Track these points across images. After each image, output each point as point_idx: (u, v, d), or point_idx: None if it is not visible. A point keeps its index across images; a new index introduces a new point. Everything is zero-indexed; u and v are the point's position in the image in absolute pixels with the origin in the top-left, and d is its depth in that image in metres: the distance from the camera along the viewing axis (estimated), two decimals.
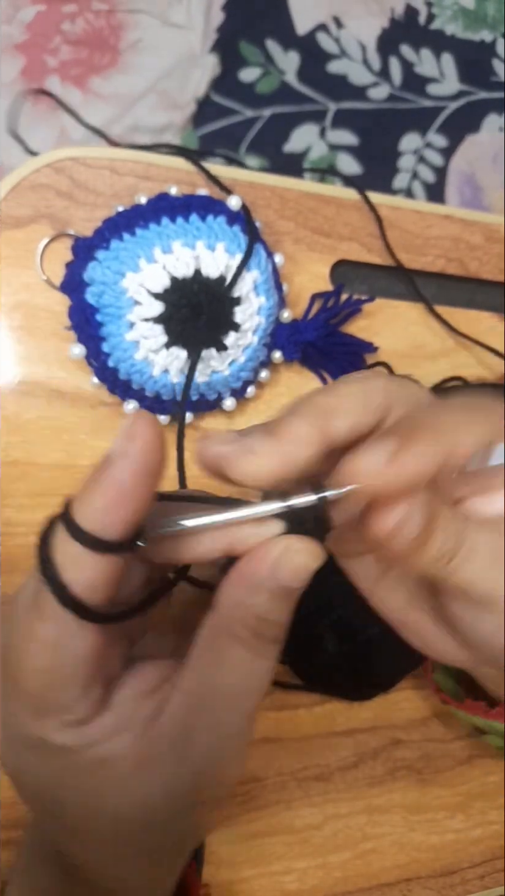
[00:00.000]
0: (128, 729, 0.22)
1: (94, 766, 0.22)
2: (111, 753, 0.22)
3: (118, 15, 0.60)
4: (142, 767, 0.22)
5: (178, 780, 0.22)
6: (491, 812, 0.44)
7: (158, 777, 0.22)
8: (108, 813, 0.22)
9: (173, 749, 0.22)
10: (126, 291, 0.34)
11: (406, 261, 0.44)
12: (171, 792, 0.22)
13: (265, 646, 0.22)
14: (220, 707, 0.22)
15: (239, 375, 0.38)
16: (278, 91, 0.63)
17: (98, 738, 0.22)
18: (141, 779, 0.22)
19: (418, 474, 0.20)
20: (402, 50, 0.66)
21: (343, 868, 0.41)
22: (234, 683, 0.22)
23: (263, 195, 0.41)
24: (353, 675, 0.41)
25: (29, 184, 0.37)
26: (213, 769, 0.23)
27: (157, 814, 0.22)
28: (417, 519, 0.21)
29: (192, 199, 0.36)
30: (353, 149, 0.64)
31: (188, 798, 0.23)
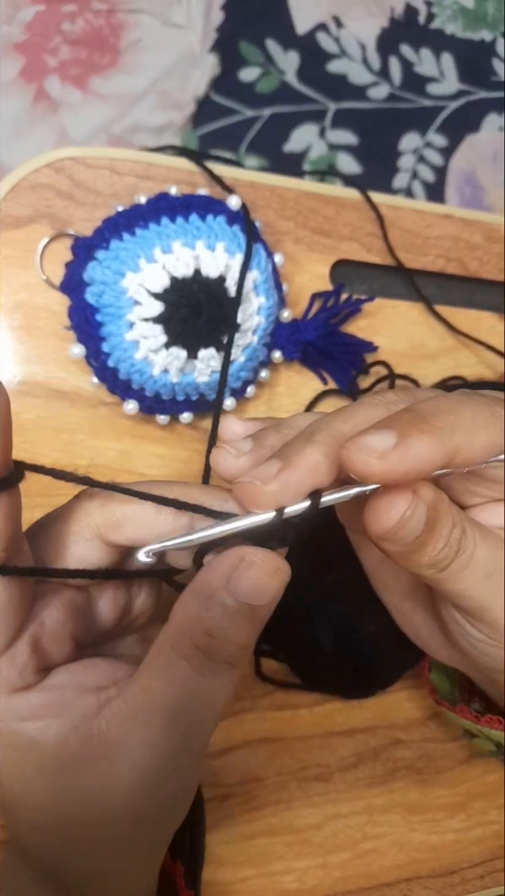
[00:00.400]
0: (60, 717, 0.21)
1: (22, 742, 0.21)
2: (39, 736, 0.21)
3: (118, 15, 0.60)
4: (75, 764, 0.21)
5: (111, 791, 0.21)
6: (491, 812, 0.44)
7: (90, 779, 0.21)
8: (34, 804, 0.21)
9: (106, 757, 0.21)
10: (126, 291, 0.34)
11: (406, 260, 0.44)
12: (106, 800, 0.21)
13: (216, 667, 0.21)
14: (160, 726, 0.21)
15: (239, 375, 0.38)
16: (278, 91, 0.63)
17: (25, 712, 0.21)
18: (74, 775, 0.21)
19: (417, 470, 0.20)
20: (401, 50, 0.66)
21: (343, 868, 0.41)
22: (179, 703, 0.21)
23: (263, 195, 0.41)
24: (350, 672, 0.41)
25: (29, 184, 0.37)
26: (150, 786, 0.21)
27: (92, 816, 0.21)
28: (418, 521, 0.21)
29: (192, 198, 0.36)
30: (353, 148, 0.64)
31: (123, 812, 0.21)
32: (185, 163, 0.39)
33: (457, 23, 0.67)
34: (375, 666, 0.41)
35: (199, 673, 0.21)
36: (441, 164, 0.66)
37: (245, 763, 0.40)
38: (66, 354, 0.37)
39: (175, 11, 0.60)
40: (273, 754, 0.41)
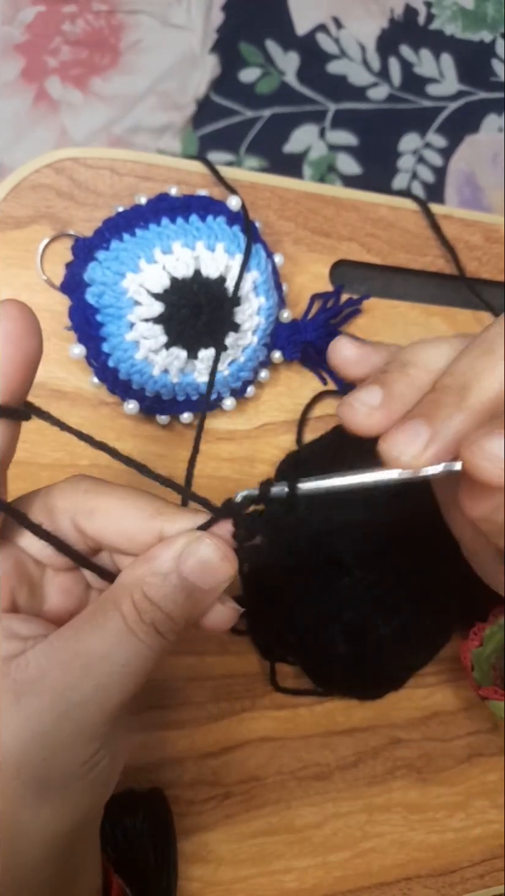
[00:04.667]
0: None
1: None
2: None
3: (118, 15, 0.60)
4: None
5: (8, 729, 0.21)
6: (491, 811, 0.44)
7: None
8: None
9: (14, 694, 0.21)
10: (126, 292, 0.34)
11: (406, 261, 0.44)
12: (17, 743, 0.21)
13: (143, 627, 0.22)
14: (76, 669, 0.21)
15: (239, 375, 0.38)
16: (278, 91, 0.63)
17: None
18: None
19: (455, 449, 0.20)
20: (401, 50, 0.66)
21: (343, 867, 0.41)
22: (100, 651, 0.21)
23: (263, 195, 0.41)
24: (362, 675, 0.41)
25: (29, 184, 0.37)
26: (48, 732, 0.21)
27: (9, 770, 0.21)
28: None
29: (192, 199, 0.36)
30: (352, 149, 0.64)
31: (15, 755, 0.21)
32: (185, 163, 0.39)
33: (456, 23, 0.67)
34: (388, 668, 0.41)
35: (128, 629, 0.21)
36: (441, 164, 0.66)
37: (245, 762, 0.40)
38: (66, 355, 0.37)
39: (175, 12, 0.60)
40: (273, 754, 0.41)
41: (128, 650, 0.21)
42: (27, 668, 0.21)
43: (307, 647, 0.40)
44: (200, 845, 0.39)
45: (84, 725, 0.21)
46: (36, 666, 0.21)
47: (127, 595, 0.22)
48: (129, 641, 0.21)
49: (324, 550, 0.38)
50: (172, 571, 0.22)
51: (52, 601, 0.25)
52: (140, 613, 0.21)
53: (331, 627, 0.38)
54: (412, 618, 0.39)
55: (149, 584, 0.22)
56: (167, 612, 0.22)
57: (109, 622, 0.21)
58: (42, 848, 0.22)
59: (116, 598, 0.22)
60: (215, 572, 0.22)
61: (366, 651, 0.39)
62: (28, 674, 0.21)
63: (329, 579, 0.38)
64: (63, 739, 0.21)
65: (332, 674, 0.40)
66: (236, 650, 0.40)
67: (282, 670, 0.41)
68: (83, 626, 0.22)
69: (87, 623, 0.22)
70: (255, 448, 0.41)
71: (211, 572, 0.22)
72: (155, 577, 0.22)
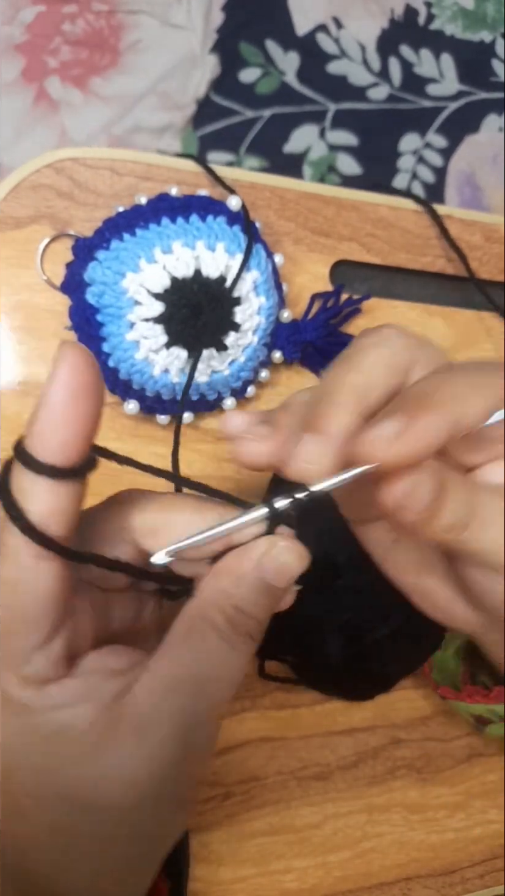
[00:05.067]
0: (91, 700, 0.22)
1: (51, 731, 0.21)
2: (71, 721, 0.21)
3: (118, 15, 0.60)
4: (100, 746, 0.21)
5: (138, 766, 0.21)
6: (491, 811, 0.44)
7: (116, 758, 0.21)
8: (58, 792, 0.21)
9: (136, 731, 0.21)
10: (126, 291, 0.34)
11: (406, 261, 0.44)
12: (128, 778, 0.21)
13: (240, 638, 0.22)
14: (188, 693, 0.22)
15: (239, 375, 0.38)
16: (278, 91, 0.63)
17: (59, 700, 0.21)
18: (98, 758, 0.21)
19: (427, 448, 0.20)
20: (401, 50, 0.66)
21: (343, 867, 0.41)
22: (206, 671, 0.22)
23: (263, 195, 0.41)
24: (355, 677, 0.41)
25: (29, 184, 0.37)
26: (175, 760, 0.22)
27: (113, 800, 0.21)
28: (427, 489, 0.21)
29: (192, 199, 0.36)
30: (353, 149, 0.64)
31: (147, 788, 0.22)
32: (185, 163, 0.39)
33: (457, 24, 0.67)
34: (381, 670, 0.41)
35: (227, 644, 0.22)
36: (441, 164, 0.66)
37: (245, 762, 0.40)
38: None
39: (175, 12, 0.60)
40: (273, 753, 0.41)
41: (231, 664, 0.22)
42: (137, 703, 0.21)
43: (299, 647, 0.40)
44: (201, 845, 0.39)
45: (203, 743, 0.23)
46: (146, 700, 0.22)
47: (217, 610, 0.22)
48: (231, 655, 0.22)
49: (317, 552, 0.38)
50: (256, 579, 0.22)
51: (116, 620, 0.25)
52: (234, 626, 0.22)
53: (323, 629, 0.38)
54: (405, 620, 0.39)
55: (236, 595, 0.22)
56: (257, 616, 0.23)
57: (207, 642, 0.22)
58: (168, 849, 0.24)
59: (207, 615, 0.22)
60: (291, 570, 0.23)
61: (357, 653, 0.39)
62: (142, 709, 0.21)
63: (322, 581, 0.38)
64: (188, 759, 0.22)
65: (323, 674, 0.40)
66: None
67: (275, 667, 0.41)
68: (180, 650, 0.22)
69: (184, 647, 0.22)
70: None
71: (288, 572, 0.23)
72: (241, 589, 0.22)
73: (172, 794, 0.22)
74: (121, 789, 0.21)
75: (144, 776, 0.21)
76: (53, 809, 0.22)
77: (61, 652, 0.22)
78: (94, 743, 0.21)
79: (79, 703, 0.21)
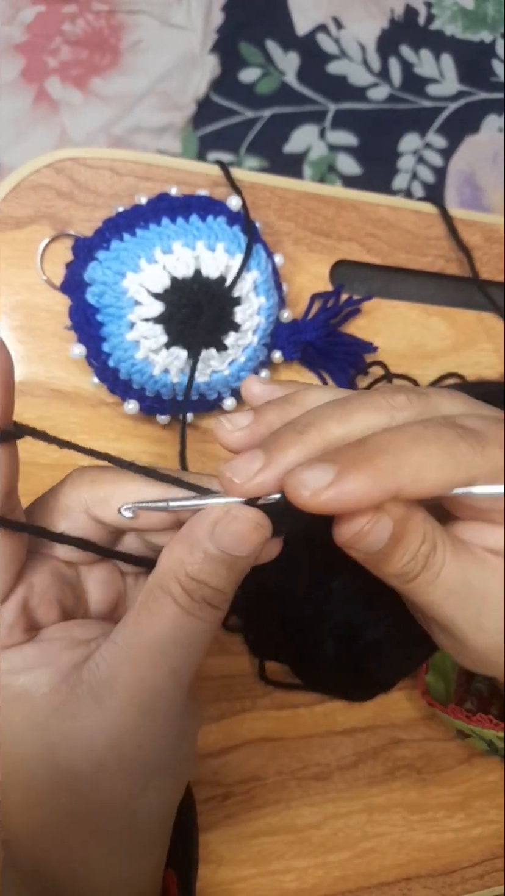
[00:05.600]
0: (50, 666, 0.22)
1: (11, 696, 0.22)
2: (30, 686, 0.22)
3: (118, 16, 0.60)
4: (60, 711, 0.21)
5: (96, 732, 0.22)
6: (491, 811, 0.44)
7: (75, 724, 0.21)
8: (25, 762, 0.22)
9: (94, 698, 0.22)
10: (126, 291, 0.34)
11: (406, 261, 0.44)
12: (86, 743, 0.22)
13: (199, 605, 0.22)
14: (147, 662, 0.22)
15: (239, 375, 0.38)
16: (278, 92, 0.63)
17: (16, 664, 0.22)
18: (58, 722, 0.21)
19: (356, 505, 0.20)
20: (401, 51, 0.66)
21: (343, 867, 0.41)
22: (165, 640, 0.22)
23: (263, 195, 0.41)
24: (353, 677, 0.41)
25: (29, 184, 0.37)
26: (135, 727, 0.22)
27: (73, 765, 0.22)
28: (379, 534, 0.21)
29: (192, 199, 0.36)
30: (353, 149, 0.64)
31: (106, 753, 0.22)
32: (185, 163, 0.39)
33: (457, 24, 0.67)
34: (377, 671, 0.41)
35: (183, 611, 0.22)
36: (441, 164, 0.66)
37: (245, 762, 0.40)
38: (66, 354, 0.37)
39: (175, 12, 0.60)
40: (273, 754, 0.41)
41: (189, 630, 0.22)
42: (98, 670, 0.22)
43: (296, 647, 0.40)
44: (201, 845, 0.39)
45: (165, 711, 0.22)
46: (106, 666, 0.22)
47: (173, 578, 0.22)
48: (188, 621, 0.22)
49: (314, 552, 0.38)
50: (212, 547, 0.22)
51: (94, 596, 0.26)
52: (190, 594, 0.22)
53: (320, 629, 0.38)
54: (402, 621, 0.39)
55: (190, 564, 0.22)
56: (214, 585, 0.22)
57: (165, 608, 0.22)
58: (158, 823, 0.24)
59: (163, 583, 0.22)
60: (250, 540, 0.22)
61: (354, 653, 0.39)
62: (101, 675, 0.22)
63: (319, 581, 0.38)
64: (150, 728, 0.22)
65: (320, 674, 0.40)
66: (236, 651, 0.40)
67: (276, 669, 0.41)
68: (139, 618, 0.22)
69: (143, 614, 0.22)
70: None
71: (246, 541, 0.22)
72: (196, 556, 0.22)
73: (136, 761, 0.22)
74: (81, 754, 0.22)
75: (102, 741, 0.22)
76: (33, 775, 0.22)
77: (15, 618, 0.22)
78: (53, 708, 0.22)
79: (37, 668, 0.22)
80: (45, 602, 0.23)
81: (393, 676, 0.42)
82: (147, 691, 0.22)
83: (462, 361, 0.45)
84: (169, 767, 0.23)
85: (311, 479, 0.20)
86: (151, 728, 0.22)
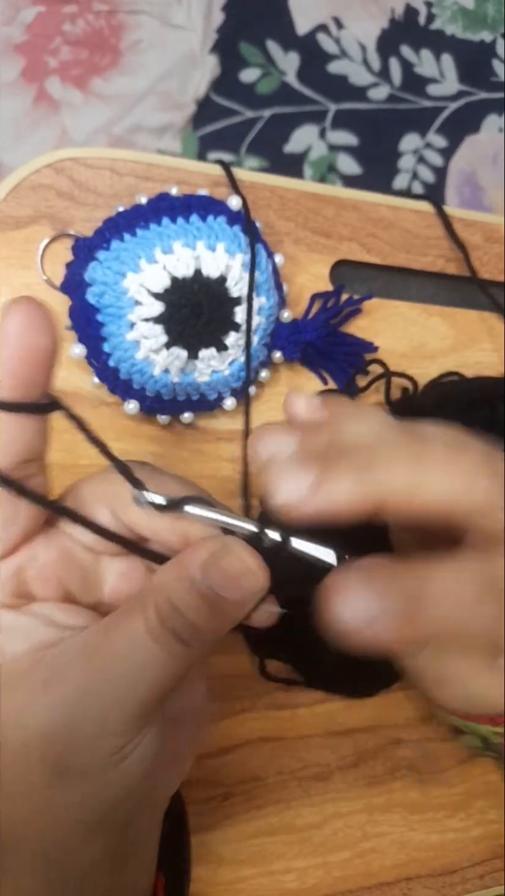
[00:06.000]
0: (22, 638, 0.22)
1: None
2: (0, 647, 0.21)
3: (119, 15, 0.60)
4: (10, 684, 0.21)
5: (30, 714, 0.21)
6: (491, 811, 0.44)
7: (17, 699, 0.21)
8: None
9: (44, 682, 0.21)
10: (127, 291, 0.34)
11: (406, 261, 0.44)
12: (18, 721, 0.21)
13: (165, 634, 0.21)
14: (99, 667, 0.21)
15: (239, 375, 0.38)
16: (278, 91, 0.63)
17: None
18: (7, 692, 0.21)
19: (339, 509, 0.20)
20: (402, 50, 0.66)
21: (343, 867, 0.41)
22: (122, 655, 0.21)
23: (263, 195, 0.41)
24: (353, 672, 0.41)
25: (29, 184, 0.37)
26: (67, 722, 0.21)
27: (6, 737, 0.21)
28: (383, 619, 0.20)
29: (193, 199, 0.36)
30: (353, 149, 0.64)
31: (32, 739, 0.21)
32: (185, 163, 0.39)
33: (457, 24, 0.67)
34: (379, 666, 0.41)
35: (149, 635, 0.21)
36: (441, 164, 0.66)
37: (245, 762, 0.40)
38: (66, 355, 0.37)
39: (175, 12, 0.60)
40: (273, 754, 0.41)
41: (145, 655, 0.21)
42: (59, 656, 0.21)
43: (297, 643, 0.40)
44: (200, 845, 0.39)
45: (104, 721, 0.21)
46: (66, 656, 0.21)
47: (152, 598, 0.21)
48: (147, 647, 0.21)
49: None
50: (198, 578, 0.21)
51: (112, 586, 0.25)
52: (161, 619, 0.21)
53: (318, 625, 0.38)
54: None
55: (174, 589, 0.21)
56: (190, 619, 0.21)
57: (132, 623, 0.21)
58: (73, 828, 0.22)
59: (143, 600, 0.21)
60: (242, 584, 0.21)
61: None
62: (59, 662, 0.21)
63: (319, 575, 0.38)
64: (84, 731, 0.21)
65: (322, 671, 0.40)
66: (236, 650, 0.40)
67: (277, 667, 0.41)
68: (108, 626, 0.22)
69: (111, 624, 0.22)
70: None
71: (237, 584, 0.21)
72: (181, 583, 0.21)
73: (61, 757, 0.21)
74: (12, 731, 0.21)
75: (33, 726, 0.21)
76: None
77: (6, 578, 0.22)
78: (7, 673, 0.21)
79: (11, 634, 0.22)
80: (44, 577, 0.23)
81: (395, 669, 0.42)
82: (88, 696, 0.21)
83: (463, 361, 0.45)
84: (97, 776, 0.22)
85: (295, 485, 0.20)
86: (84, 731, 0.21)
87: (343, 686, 0.42)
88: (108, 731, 0.21)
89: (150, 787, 0.24)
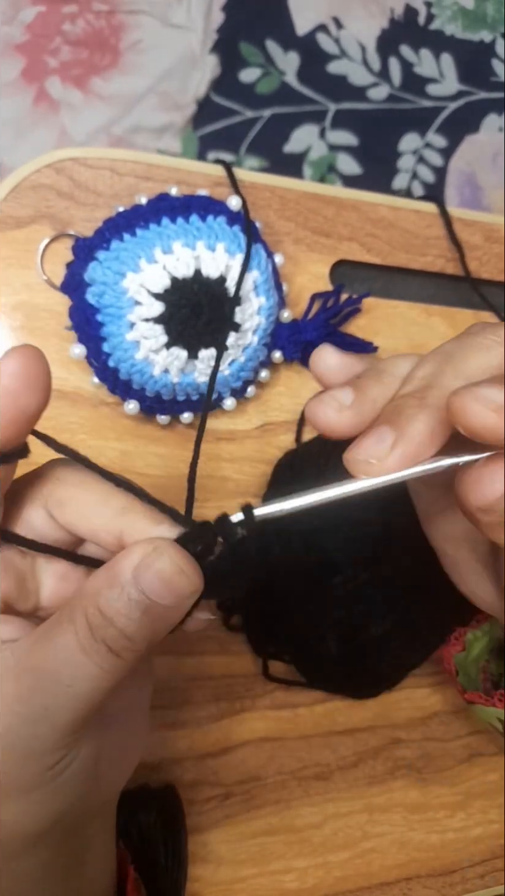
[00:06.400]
0: None
1: None
2: None
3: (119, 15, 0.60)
4: None
5: None
6: (491, 811, 0.44)
7: None
8: None
9: None
10: (126, 291, 0.34)
11: (406, 261, 0.44)
12: None
13: (95, 646, 0.20)
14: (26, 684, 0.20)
15: (239, 375, 0.38)
16: (278, 91, 0.63)
17: None
18: None
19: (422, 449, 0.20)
20: (401, 50, 0.66)
21: (343, 867, 0.41)
22: (48, 668, 0.20)
23: (263, 195, 0.41)
24: (356, 674, 0.41)
25: (29, 184, 0.37)
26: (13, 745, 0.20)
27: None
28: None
29: (193, 199, 0.36)
30: (353, 149, 0.64)
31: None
32: (185, 163, 0.39)
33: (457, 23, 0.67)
34: (381, 667, 0.41)
35: (79, 646, 0.20)
36: (441, 164, 0.66)
37: (245, 762, 0.40)
38: (66, 355, 0.37)
39: (175, 12, 0.60)
40: (273, 754, 0.41)
41: (75, 670, 0.20)
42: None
43: (299, 645, 0.40)
44: (200, 845, 0.39)
45: (35, 740, 0.20)
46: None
47: (80, 609, 0.20)
48: (78, 661, 0.20)
49: (316, 548, 0.38)
50: (130, 584, 0.20)
51: (49, 589, 0.24)
52: (92, 630, 0.20)
53: (322, 626, 0.38)
54: (405, 616, 0.39)
55: (104, 597, 0.20)
56: (121, 628, 0.20)
57: (61, 637, 0.20)
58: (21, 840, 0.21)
59: (72, 611, 0.20)
60: (175, 588, 0.20)
61: (358, 650, 0.39)
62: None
63: (321, 578, 0.38)
64: (17, 748, 0.20)
65: (324, 672, 0.40)
66: (236, 650, 0.40)
67: (279, 667, 0.41)
68: (39, 637, 0.21)
69: (43, 636, 0.21)
70: (255, 448, 0.41)
71: (170, 588, 0.20)
72: (112, 590, 0.20)
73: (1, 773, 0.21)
74: None
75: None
76: None
77: None
78: None
79: None
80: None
81: (398, 671, 0.42)
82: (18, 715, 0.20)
83: None
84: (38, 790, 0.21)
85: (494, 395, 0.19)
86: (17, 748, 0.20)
87: (345, 687, 0.42)
88: (39, 750, 0.20)
89: (94, 793, 0.23)
